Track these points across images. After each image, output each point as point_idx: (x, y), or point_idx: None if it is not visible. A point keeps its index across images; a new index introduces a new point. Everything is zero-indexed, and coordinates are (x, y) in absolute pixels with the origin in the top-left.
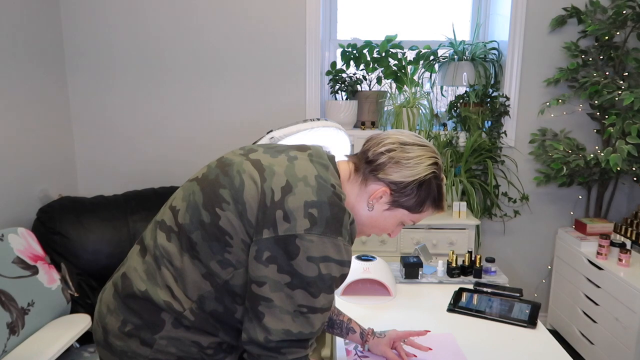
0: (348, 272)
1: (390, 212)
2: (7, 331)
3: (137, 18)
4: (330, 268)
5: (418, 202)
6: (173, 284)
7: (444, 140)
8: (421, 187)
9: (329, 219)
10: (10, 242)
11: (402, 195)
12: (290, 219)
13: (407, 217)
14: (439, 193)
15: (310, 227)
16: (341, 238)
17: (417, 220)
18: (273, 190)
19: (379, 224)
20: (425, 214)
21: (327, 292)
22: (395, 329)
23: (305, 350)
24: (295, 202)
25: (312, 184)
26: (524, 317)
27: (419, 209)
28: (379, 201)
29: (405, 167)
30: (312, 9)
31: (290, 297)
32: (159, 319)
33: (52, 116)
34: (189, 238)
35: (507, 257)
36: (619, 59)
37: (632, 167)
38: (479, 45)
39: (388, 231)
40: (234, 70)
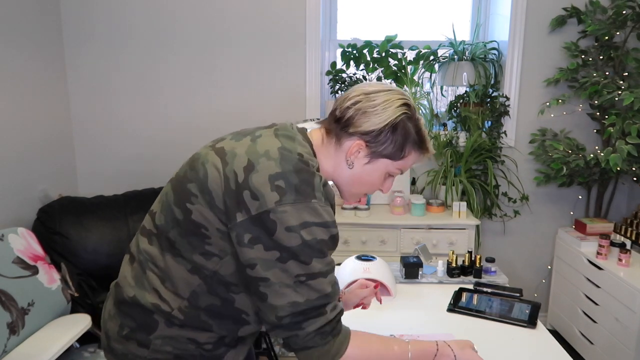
0: (337, 232)
1: (372, 165)
2: (7, 331)
3: (135, 15)
4: (313, 232)
5: (397, 147)
6: (160, 285)
7: (444, 140)
8: (395, 131)
9: (298, 186)
10: (10, 242)
11: (379, 144)
12: (259, 196)
13: (392, 166)
14: (419, 134)
15: (280, 198)
16: (315, 200)
17: (403, 167)
18: (236, 172)
19: (365, 180)
20: (410, 159)
21: (319, 256)
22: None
23: (324, 316)
24: (260, 178)
25: (274, 156)
26: (524, 317)
27: (400, 154)
28: (357, 156)
29: (373, 114)
30: (312, 9)
31: (285, 271)
32: (152, 320)
33: (52, 116)
34: (167, 238)
35: (507, 257)
36: (619, 59)
37: (632, 167)
38: (479, 45)
39: (377, 186)
40: (234, 71)
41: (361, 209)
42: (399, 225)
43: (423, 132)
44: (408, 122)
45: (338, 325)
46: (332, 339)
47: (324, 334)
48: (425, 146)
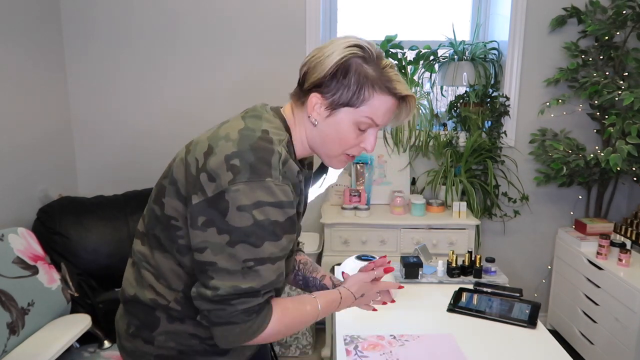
0: (294, 214)
1: (334, 117)
2: (7, 331)
3: (135, 13)
4: (266, 212)
5: (354, 91)
6: (154, 282)
7: (444, 140)
8: (347, 74)
9: (253, 164)
10: (10, 242)
11: (333, 92)
12: (215, 177)
13: (356, 114)
14: (381, 75)
15: (233, 177)
16: (271, 179)
17: (374, 115)
18: (197, 158)
19: (334, 136)
20: (376, 104)
21: (271, 239)
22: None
23: (256, 298)
24: (217, 159)
25: (233, 138)
26: (524, 317)
27: (359, 99)
28: (318, 111)
29: (321, 63)
30: (312, 9)
31: (233, 256)
32: (154, 317)
33: (52, 116)
34: (154, 235)
35: (507, 257)
36: (619, 59)
37: (632, 167)
38: (479, 45)
39: (351, 141)
40: (234, 71)
41: (361, 209)
42: (399, 225)
43: (388, 72)
44: (363, 64)
45: (266, 305)
46: (256, 317)
47: (250, 312)
48: (392, 86)
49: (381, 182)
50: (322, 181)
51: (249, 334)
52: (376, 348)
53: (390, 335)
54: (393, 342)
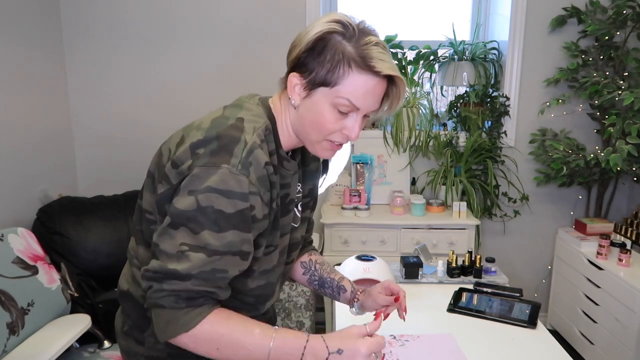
0: (247, 207)
1: (312, 97)
2: (7, 331)
3: (137, 12)
4: (211, 199)
5: (328, 69)
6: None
7: (444, 140)
8: (323, 50)
9: (214, 151)
10: (10, 242)
11: (309, 71)
12: (178, 165)
13: (333, 95)
14: (361, 51)
15: (192, 162)
16: (227, 166)
17: (350, 97)
18: (169, 149)
19: (311, 119)
20: (352, 83)
21: (212, 229)
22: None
23: (183, 282)
24: (183, 148)
25: (204, 126)
26: (524, 317)
27: (334, 76)
28: (298, 92)
29: (300, 41)
30: (312, 9)
31: (172, 238)
32: (145, 318)
33: (52, 116)
34: (139, 230)
35: (507, 257)
36: (619, 59)
37: (632, 167)
38: (479, 45)
39: (330, 125)
40: (234, 71)
41: (361, 209)
42: (399, 225)
43: (370, 49)
44: (342, 40)
45: (200, 300)
46: (186, 307)
47: (178, 297)
48: (372, 64)
49: (381, 182)
50: (322, 181)
51: (178, 325)
52: None
53: (390, 335)
54: (393, 342)
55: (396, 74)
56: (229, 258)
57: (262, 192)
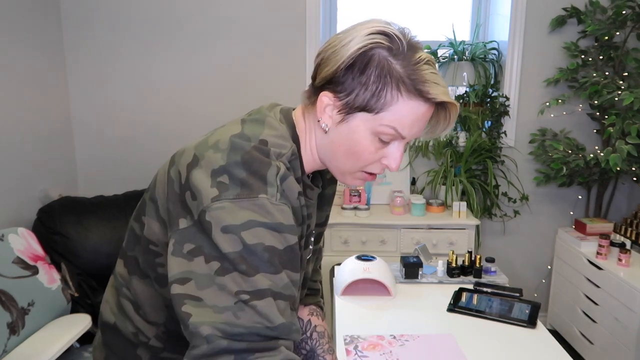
0: (295, 241)
1: (348, 123)
2: (7, 331)
3: (138, 11)
4: (258, 235)
5: (372, 92)
6: (133, 313)
7: (444, 140)
8: (366, 69)
9: (245, 179)
10: (10, 242)
11: (348, 92)
12: (197, 195)
13: (376, 123)
14: (412, 72)
15: (219, 194)
16: (265, 196)
17: (397, 125)
18: (180, 172)
19: (346, 146)
20: (401, 110)
21: (266, 270)
22: None
23: (276, 350)
24: (201, 174)
25: (223, 147)
26: (524, 317)
27: (379, 102)
28: (329, 114)
29: (336, 53)
30: (312, 8)
31: (223, 288)
32: (135, 356)
33: (52, 116)
34: (133, 257)
35: (507, 257)
36: (619, 59)
37: (632, 167)
38: (479, 45)
39: (369, 156)
40: (234, 71)
41: (361, 209)
42: (399, 225)
43: (421, 69)
44: (389, 57)
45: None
46: None
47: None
48: (425, 89)
49: (381, 182)
50: None
51: None
52: (376, 348)
53: (390, 335)
54: (393, 342)
55: (451, 100)
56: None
57: (296, 224)
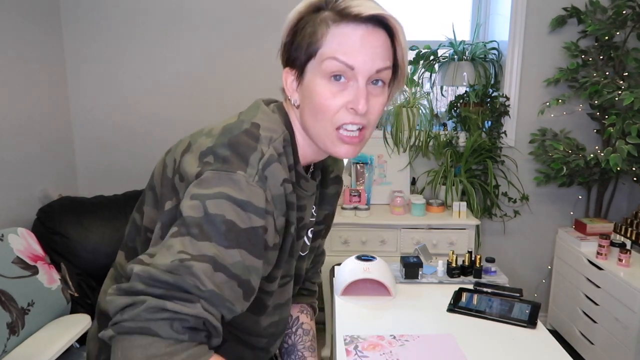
0: (261, 226)
1: (304, 82)
2: (7, 331)
3: (139, 11)
4: (222, 207)
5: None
6: None
7: (444, 140)
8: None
9: (227, 157)
10: (10, 242)
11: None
12: (184, 177)
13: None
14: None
15: (201, 169)
16: (242, 173)
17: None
18: (175, 159)
19: (310, 105)
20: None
21: (219, 242)
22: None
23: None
24: (191, 158)
25: (214, 133)
26: (524, 317)
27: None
28: (293, 87)
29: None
30: None
31: (170, 248)
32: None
33: (52, 116)
34: (133, 248)
35: (507, 257)
36: (619, 59)
37: (632, 167)
38: (479, 45)
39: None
40: (234, 72)
41: (361, 209)
42: (399, 225)
43: (345, 1)
44: (317, 13)
45: (201, 335)
46: (188, 341)
47: (182, 326)
48: (348, 11)
49: (381, 182)
50: None
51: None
52: (376, 348)
53: (390, 335)
54: (393, 342)
55: (382, 12)
56: (235, 287)
57: (276, 215)
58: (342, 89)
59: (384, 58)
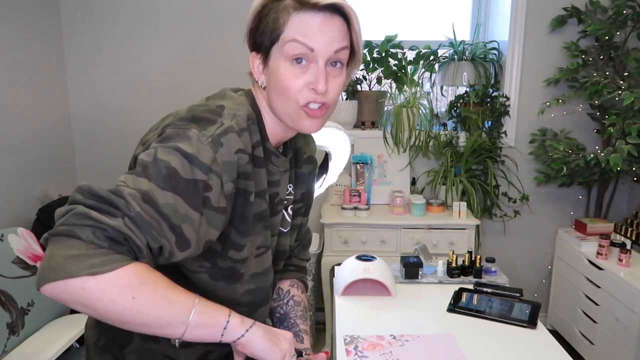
0: (203, 181)
1: (269, 65)
2: (7, 331)
3: (140, 10)
4: (169, 155)
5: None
6: None
7: (444, 140)
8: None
9: (183, 119)
10: (10, 242)
11: (259, 43)
12: (147, 144)
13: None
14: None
15: (162, 130)
16: (197, 131)
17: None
18: (148, 139)
19: (275, 85)
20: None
21: (156, 182)
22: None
23: (115, 218)
24: (155, 133)
25: (181, 113)
26: (524, 317)
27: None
28: (259, 70)
29: (247, 23)
30: None
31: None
32: (127, 334)
33: (52, 116)
34: None
35: (507, 257)
36: (619, 59)
37: (632, 167)
38: (479, 45)
39: (295, 83)
40: (234, 72)
41: (361, 209)
42: (399, 225)
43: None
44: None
45: (123, 248)
46: (107, 248)
47: (103, 233)
48: (306, 0)
49: (381, 182)
50: (322, 181)
51: (88, 263)
52: (376, 348)
53: (390, 335)
54: (393, 342)
55: (338, 1)
56: (164, 226)
57: (224, 179)
58: (304, 71)
59: (341, 39)
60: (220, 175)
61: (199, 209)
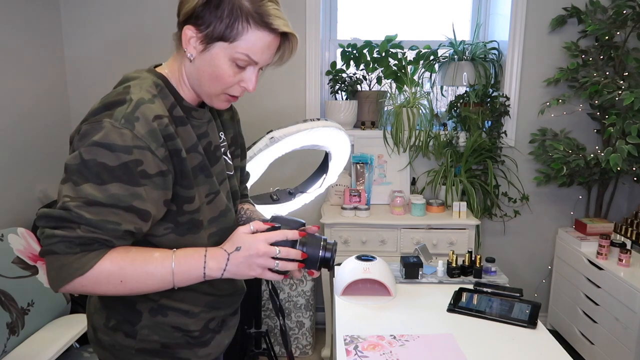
0: (131, 160)
1: (209, 51)
2: (7, 331)
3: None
4: (93, 152)
5: (227, 24)
6: None
7: (444, 140)
8: (220, 4)
9: (98, 111)
10: (10, 242)
11: (206, 25)
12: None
13: (232, 50)
14: (258, 8)
15: (80, 126)
16: (109, 120)
17: (249, 52)
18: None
19: (209, 72)
20: (250, 40)
21: (93, 181)
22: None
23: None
24: (75, 130)
25: (93, 107)
26: (524, 317)
27: (232, 32)
28: (193, 45)
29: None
30: (312, 9)
31: (60, 193)
32: (135, 311)
33: (52, 116)
34: None
35: (507, 257)
36: (619, 59)
37: (632, 167)
38: (479, 45)
39: (229, 79)
40: None
41: (361, 209)
42: (399, 225)
43: (266, 5)
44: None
45: (94, 246)
46: (80, 252)
47: (72, 244)
48: (269, 21)
49: (381, 182)
50: (322, 181)
51: (72, 269)
52: (376, 348)
53: (390, 335)
54: (393, 342)
55: (291, 31)
56: (119, 212)
57: (153, 147)
58: (241, 71)
59: (274, 55)
60: (146, 146)
61: (139, 183)
